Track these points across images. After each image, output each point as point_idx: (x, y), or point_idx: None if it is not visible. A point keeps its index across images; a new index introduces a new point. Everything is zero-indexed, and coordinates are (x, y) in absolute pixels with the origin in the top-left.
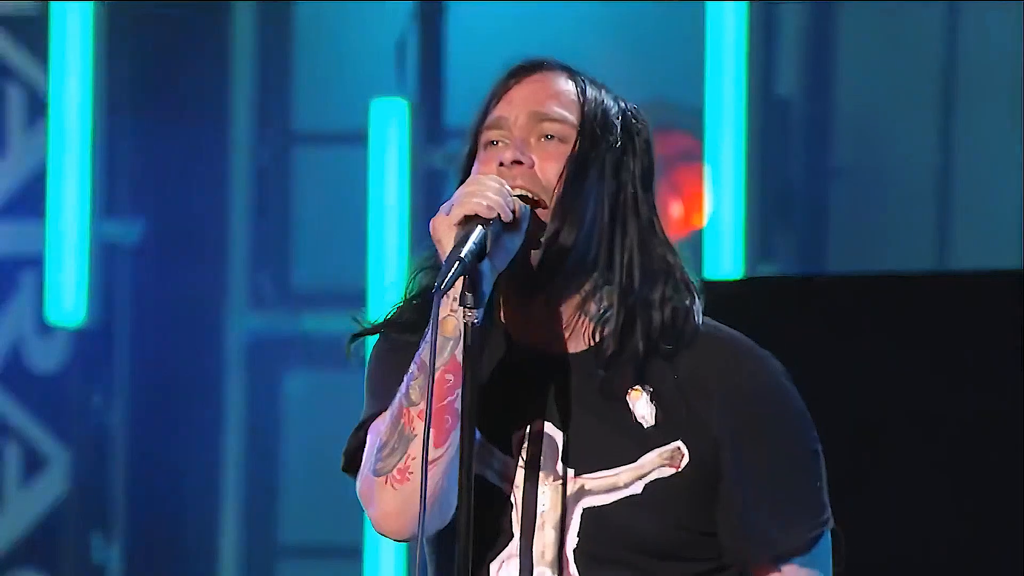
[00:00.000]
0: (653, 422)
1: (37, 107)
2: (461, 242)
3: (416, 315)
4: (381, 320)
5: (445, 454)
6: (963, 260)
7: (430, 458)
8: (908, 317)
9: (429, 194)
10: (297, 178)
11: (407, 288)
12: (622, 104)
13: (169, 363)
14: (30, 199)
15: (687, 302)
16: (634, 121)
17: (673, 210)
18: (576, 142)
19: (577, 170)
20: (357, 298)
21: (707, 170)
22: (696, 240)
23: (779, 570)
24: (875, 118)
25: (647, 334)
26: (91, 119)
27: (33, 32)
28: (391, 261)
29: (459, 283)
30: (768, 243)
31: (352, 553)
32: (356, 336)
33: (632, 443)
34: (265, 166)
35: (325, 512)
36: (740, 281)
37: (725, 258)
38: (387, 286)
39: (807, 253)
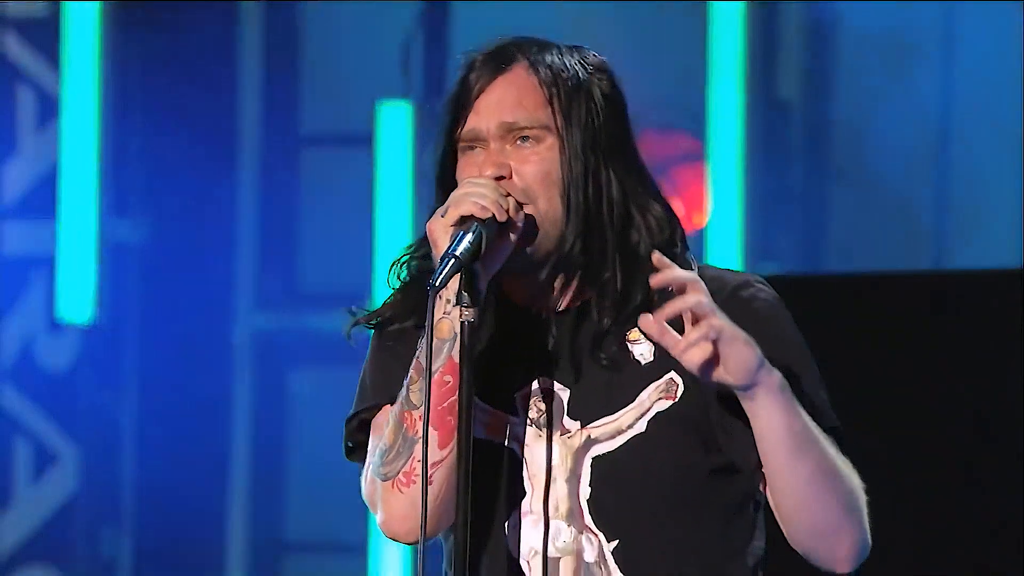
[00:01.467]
0: (651, 358)
1: (47, 109)
2: (456, 241)
3: (403, 304)
4: (373, 311)
5: (450, 455)
6: (960, 259)
7: (436, 459)
8: (906, 316)
9: (433, 196)
10: (303, 180)
11: (390, 278)
12: (581, 65)
13: (177, 361)
14: (40, 200)
15: (675, 249)
16: (596, 78)
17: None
18: (556, 142)
19: (559, 167)
20: (362, 298)
21: (708, 170)
22: (697, 239)
23: None
24: (873, 119)
25: (637, 281)
26: (101, 121)
27: (43, 35)
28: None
29: (455, 283)
30: (768, 242)
31: (357, 549)
32: (353, 325)
33: (631, 383)
34: (272, 168)
35: (330, 508)
36: None
37: (725, 257)
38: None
39: (806, 252)
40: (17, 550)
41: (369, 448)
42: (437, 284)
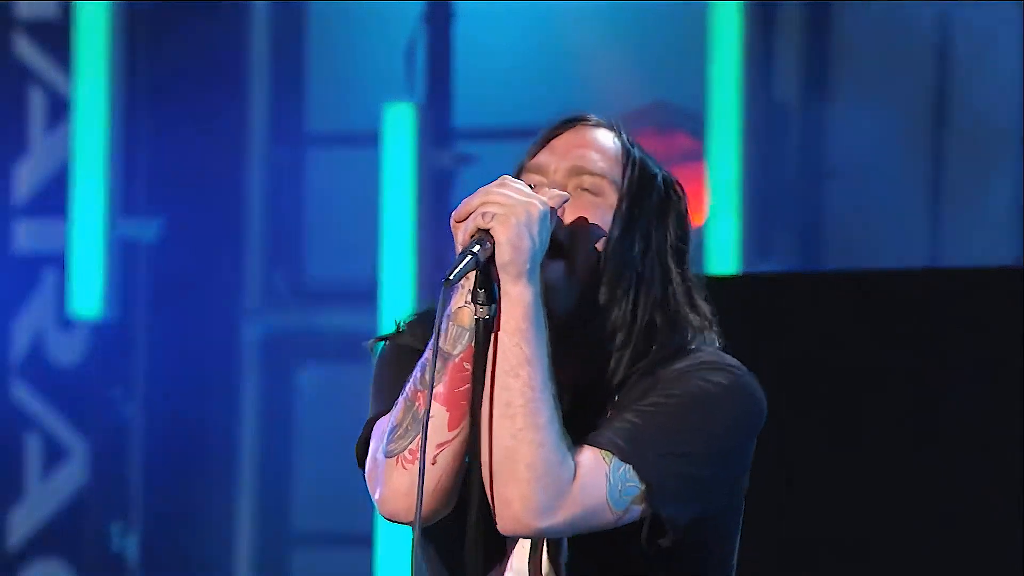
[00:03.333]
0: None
1: (58, 109)
2: (475, 241)
3: (425, 329)
4: (397, 326)
5: (457, 437)
6: (954, 257)
7: (444, 439)
8: (901, 312)
9: (438, 194)
10: (310, 179)
11: (418, 307)
12: (661, 170)
13: (186, 357)
14: (51, 198)
15: (682, 345)
16: (673, 189)
17: None
18: (618, 198)
19: (616, 224)
20: (369, 296)
21: (707, 170)
22: (696, 238)
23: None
24: (869, 120)
25: (628, 368)
26: (110, 121)
27: (54, 36)
28: (402, 260)
29: (471, 279)
30: (766, 240)
31: (364, 542)
32: (377, 339)
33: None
34: (279, 167)
35: (337, 502)
36: (738, 277)
37: (724, 255)
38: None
39: (803, 250)
40: (27, 543)
41: (372, 440)
42: (451, 278)
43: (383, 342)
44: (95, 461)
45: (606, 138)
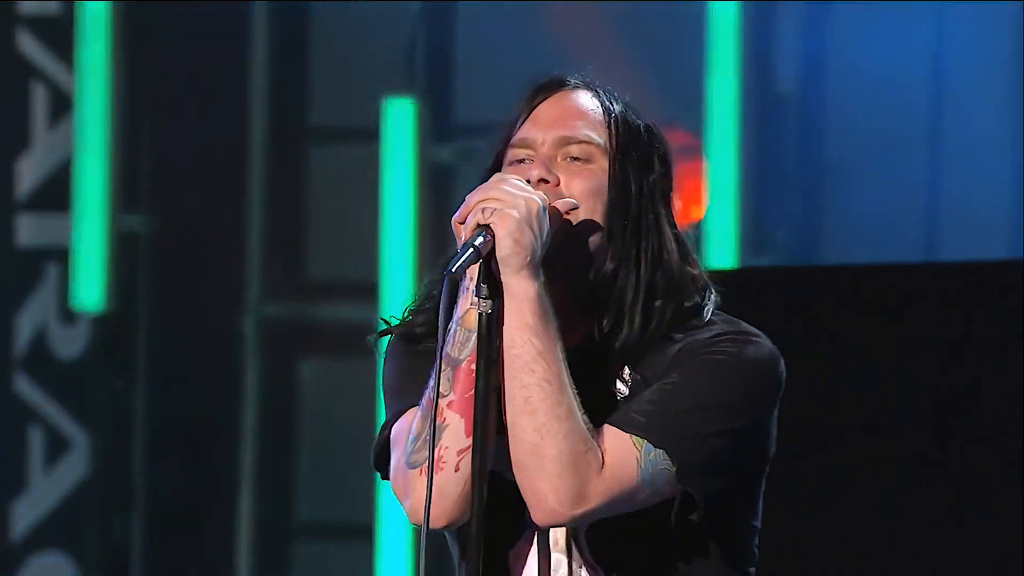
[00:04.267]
0: (627, 392)
1: (60, 105)
2: (476, 235)
3: (428, 317)
4: (399, 320)
5: None
6: (951, 251)
7: (463, 445)
8: (898, 306)
9: (437, 189)
10: (310, 173)
11: (420, 295)
12: (643, 123)
13: (187, 350)
14: (54, 193)
15: (690, 304)
16: (654, 134)
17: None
18: (608, 163)
19: (608, 189)
20: (368, 288)
21: (706, 165)
22: (695, 232)
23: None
24: (867, 114)
25: (643, 332)
26: (112, 117)
27: (57, 33)
28: (401, 253)
29: (474, 272)
30: (763, 234)
31: (365, 532)
32: (381, 333)
33: (610, 413)
34: (280, 161)
35: (338, 493)
36: (736, 271)
37: (722, 249)
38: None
39: (801, 244)
40: (30, 535)
41: (392, 449)
42: (453, 270)
43: (388, 336)
44: (97, 453)
45: (588, 101)
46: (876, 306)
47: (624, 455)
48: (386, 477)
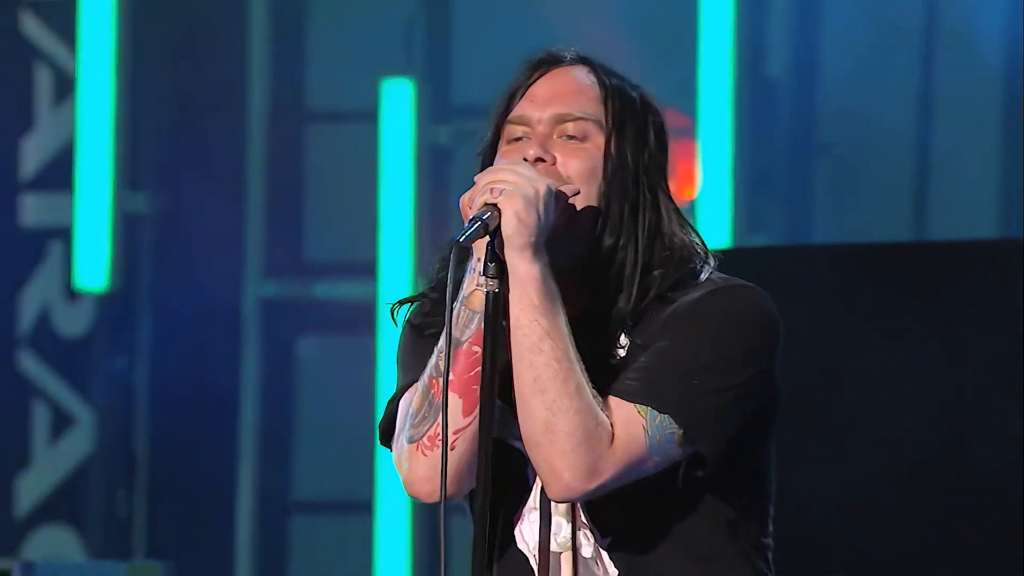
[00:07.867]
0: (625, 353)
1: (64, 86)
2: (484, 211)
3: (439, 311)
4: (416, 295)
5: (474, 422)
6: (940, 230)
7: (459, 426)
8: (888, 285)
9: (435, 169)
10: (309, 154)
11: (433, 277)
12: (637, 91)
13: (189, 328)
14: (58, 173)
15: (688, 268)
16: (649, 105)
17: None
18: (604, 139)
19: (604, 167)
20: (366, 267)
21: (699, 146)
22: (688, 213)
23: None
24: (858, 96)
25: (640, 300)
26: (115, 97)
27: (60, 13)
28: (400, 233)
29: (481, 248)
30: (756, 215)
31: (363, 508)
32: (399, 303)
33: (609, 380)
34: (279, 142)
35: (337, 469)
36: (729, 251)
37: (715, 229)
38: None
39: (793, 224)
40: (35, 509)
41: (398, 421)
42: (461, 240)
43: (406, 305)
44: (101, 429)
45: (583, 77)
46: (865, 284)
47: (631, 426)
48: (390, 446)
